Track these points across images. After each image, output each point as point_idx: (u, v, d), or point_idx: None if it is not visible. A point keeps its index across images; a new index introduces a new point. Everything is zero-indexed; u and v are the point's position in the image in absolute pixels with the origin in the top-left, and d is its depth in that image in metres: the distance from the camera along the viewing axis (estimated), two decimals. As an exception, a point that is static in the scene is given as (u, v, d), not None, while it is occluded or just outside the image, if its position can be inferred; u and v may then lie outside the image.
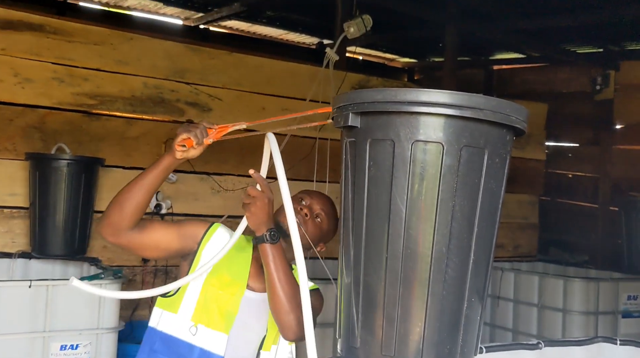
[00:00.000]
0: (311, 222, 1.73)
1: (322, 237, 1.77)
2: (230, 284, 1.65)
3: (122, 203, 1.57)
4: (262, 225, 1.56)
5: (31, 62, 3.32)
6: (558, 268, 4.58)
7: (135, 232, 1.58)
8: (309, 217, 1.73)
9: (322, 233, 1.76)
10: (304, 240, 1.66)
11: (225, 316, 1.62)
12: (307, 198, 1.77)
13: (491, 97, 1.15)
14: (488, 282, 1.27)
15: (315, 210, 1.75)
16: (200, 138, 1.55)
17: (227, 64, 3.93)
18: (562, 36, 4.96)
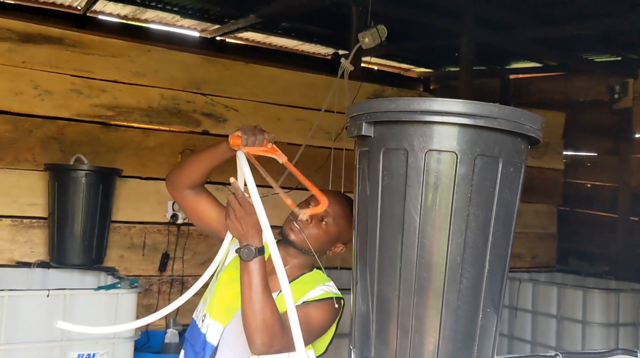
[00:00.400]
0: (315, 227, 1.69)
1: (333, 240, 1.73)
2: (237, 280, 1.64)
3: (183, 166, 1.71)
4: (242, 237, 1.54)
5: (50, 74, 3.37)
6: (577, 279, 4.52)
7: (189, 194, 1.72)
8: (311, 222, 1.69)
9: (331, 236, 1.71)
10: (306, 245, 1.68)
11: (225, 309, 1.65)
12: (314, 201, 1.72)
13: (505, 106, 1.14)
14: (503, 292, 1.26)
15: (320, 214, 1.69)
16: (248, 143, 1.55)
17: (243, 75, 3.96)
18: (580, 44, 4.92)
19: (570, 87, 5.67)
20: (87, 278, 3.12)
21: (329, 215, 1.70)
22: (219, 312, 1.67)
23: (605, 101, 5.39)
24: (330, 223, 1.71)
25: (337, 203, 1.73)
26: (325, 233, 1.70)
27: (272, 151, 1.57)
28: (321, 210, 1.56)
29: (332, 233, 1.72)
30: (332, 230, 1.71)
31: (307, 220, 1.68)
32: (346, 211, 1.73)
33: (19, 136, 3.29)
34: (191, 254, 3.76)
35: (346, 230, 1.73)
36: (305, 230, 1.69)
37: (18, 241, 3.27)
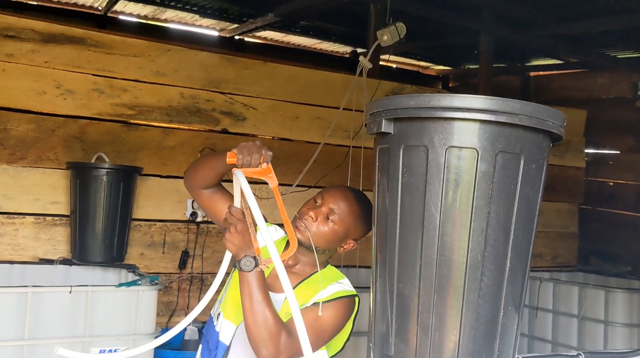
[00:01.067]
0: (320, 225, 1.67)
1: (341, 237, 1.70)
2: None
3: (195, 169, 1.74)
4: (240, 250, 1.52)
5: (72, 74, 3.42)
6: (599, 279, 4.46)
7: (205, 193, 1.74)
8: (316, 220, 1.67)
9: (338, 234, 1.69)
10: (308, 243, 1.66)
11: (237, 308, 1.63)
12: (320, 198, 1.71)
13: (527, 102, 1.13)
14: (525, 291, 1.24)
15: (326, 211, 1.68)
16: (244, 163, 1.50)
17: (262, 74, 3.97)
18: (601, 41, 4.85)
19: (592, 85, 5.59)
20: (108, 275, 3.16)
21: (334, 212, 1.68)
22: (231, 312, 1.68)
23: (628, 98, 5.29)
24: (337, 220, 1.68)
25: (343, 199, 1.70)
26: (332, 231, 1.68)
27: (265, 172, 1.51)
28: (290, 254, 1.49)
29: (339, 231, 1.69)
30: (339, 227, 1.68)
31: (311, 218, 1.67)
32: (353, 207, 1.70)
33: (41, 135, 3.34)
34: (210, 252, 3.79)
35: (354, 227, 1.71)
36: (311, 228, 1.67)
37: (41, 239, 3.33)
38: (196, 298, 3.76)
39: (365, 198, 1.75)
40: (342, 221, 1.68)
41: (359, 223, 1.72)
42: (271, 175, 1.50)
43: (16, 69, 3.28)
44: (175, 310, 3.68)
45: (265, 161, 1.50)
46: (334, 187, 1.76)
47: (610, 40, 4.83)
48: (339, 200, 1.69)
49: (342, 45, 5.99)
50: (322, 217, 1.68)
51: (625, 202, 5.47)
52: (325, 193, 1.72)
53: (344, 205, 1.69)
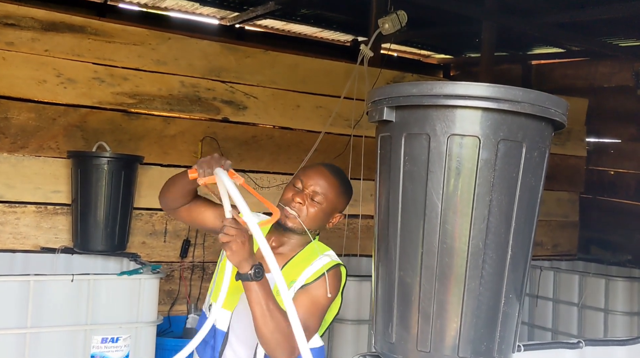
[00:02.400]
0: (309, 207, 1.71)
1: (329, 213, 1.75)
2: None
3: (165, 191, 1.76)
4: (244, 261, 1.51)
5: (73, 62, 3.41)
6: (599, 268, 4.47)
7: (183, 210, 1.77)
8: (304, 203, 1.71)
9: (326, 211, 1.74)
10: (300, 227, 1.70)
11: (231, 294, 1.65)
12: (300, 182, 1.74)
13: (529, 89, 1.13)
14: (526, 279, 1.25)
15: (310, 193, 1.72)
16: (205, 174, 1.53)
17: (262, 62, 3.95)
18: (603, 29, 4.82)
19: (593, 73, 5.56)
20: (109, 263, 3.16)
21: (318, 192, 1.72)
22: (226, 299, 1.67)
23: (629, 87, 5.27)
24: (322, 199, 1.72)
25: (322, 177, 1.74)
26: (321, 211, 1.73)
27: (229, 175, 1.53)
28: (273, 221, 1.51)
29: (326, 209, 1.74)
30: (326, 205, 1.73)
31: (300, 203, 1.71)
32: (333, 181, 1.75)
33: (42, 124, 3.34)
34: (212, 241, 3.80)
35: (338, 200, 1.76)
36: (301, 214, 1.70)
37: (42, 227, 3.33)
38: (198, 287, 3.77)
39: (339, 170, 1.82)
40: (327, 199, 1.73)
41: (341, 196, 1.77)
42: (235, 176, 1.52)
43: (16, 57, 3.27)
44: (177, 298, 3.69)
45: (226, 169, 1.52)
46: (309, 168, 1.78)
47: (613, 29, 4.80)
48: (318, 179, 1.73)
49: (343, 34, 5.96)
50: (308, 200, 1.72)
51: (626, 190, 5.47)
52: (304, 176, 1.75)
53: (325, 183, 1.73)
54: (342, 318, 2.84)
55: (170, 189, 1.74)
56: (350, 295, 2.86)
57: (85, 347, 2.49)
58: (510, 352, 1.23)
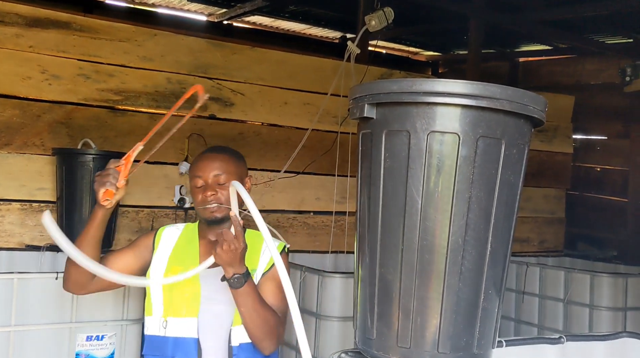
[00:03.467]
0: (221, 191, 1.77)
1: (239, 179, 1.81)
2: (184, 272, 1.73)
3: (74, 271, 1.73)
4: (229, 266, 1.62)
5: (58, 59, 3.38)
6: (585, 264, 4.50)
7: (97, 279, 1.74)
8: (216, 192, 1.77)
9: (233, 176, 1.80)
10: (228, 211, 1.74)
11: (190, 301, 1.73)
12: (198, 180, 1.80)
13: (507, 87, 1.13)
14: (506, 275, 1.25)
15: (214, 181, 1.78)
16: (115, 183, 1.61)
17: (250, 59, 3.94)
18: (590, 26, 4.86)
19: (580, 70, 5.61)
20: (96, 261, 3.14)
21: (219, 175, 1.79)
22: (186, 308, 1.74)
23: (616, 84, 5.32)
24: (226, 178, 1.79)
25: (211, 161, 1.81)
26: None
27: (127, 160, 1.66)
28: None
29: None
30: (233, 178, 1.78)
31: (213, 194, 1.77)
32: (222, 157, 1.83)
33: (27, 121, 3.31)
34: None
35: (238, 168, 1.85)
36: (220, 201, 1.77)
37: (27, 225, 3.31)
38: (185, 284, 3.76)
39: (219, 146, 1.95)
40: (230, 173, 1.80)
41: (238, 163, 1.86)
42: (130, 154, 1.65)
43: (0, 53, 3.24)
44: (163, 296, 3.69)
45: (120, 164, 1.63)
46: (196, 164, 1.85)
47: (599, 26, 4.84)
48: (211, 165, 1.80)
49: (332, 31, 5.96)
50: (216, 187, 1.79)
51: (612, 187, 5.53)
52: (198, 173, 1.81)
53: (217, 163, 1.81)
54: (329, 315, 2.84)
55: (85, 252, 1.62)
56: (337, 292, 2.86)
57: (70, 345, 2.48)
58: (490, 347, 1.24)
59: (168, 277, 1.75)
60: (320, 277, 2.90)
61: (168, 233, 1.88)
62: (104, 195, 1.61)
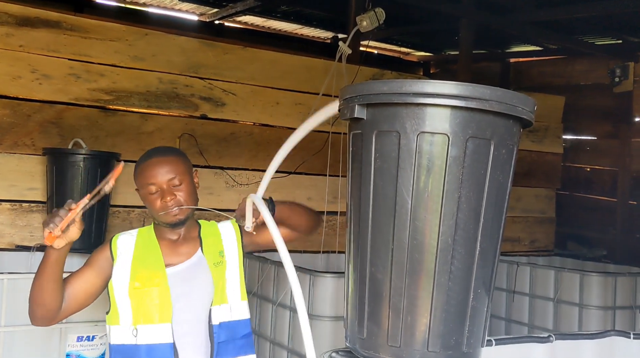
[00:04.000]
0: (178, 193, 1.78)
1: (190, 180, 1.83)
2: (151, 276, 1.77)
3: (40, 301, 1.69)
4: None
5: (48, 58, 3.36)
6: (575, 263, 4.53)
7: (65, 306, 1.73)
8: (174, 196, 1.78)
9: (188, 181, 1.81)
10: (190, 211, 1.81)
11: (162, 307, 1.74)
12: (151, 187, 1.77)
13: (497, 88, 1.14)
14: (495, 274, 1.26)
15: (166, 185, 1.77)
16: (58, 226, 1.58)
17: (241, 59, 3.94)
18: (580, 27, 4.90)
19: (570, 71, 5.65)
20: (86, 262, 3.13)
21: (171, 177, 1.77)
22: (156, 315, 1.73)
23: (605, 84, 5.37)
24: (178, 179, 1.79)
25: (158, 166, 1.78)
26: (186, 185, 1.81)
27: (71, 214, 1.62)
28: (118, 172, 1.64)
29: (187, 179, 1.82)
30: (184, 176, 1.80)
31: (171, 198, 1.77)
32: (168, 159, 1.80)
33: (17, 121, 3.29)
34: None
35: (185, 165, 1.84)
36: (180, 203, 1.78)
37: (17, 225, 3.29)
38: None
39: (158, 148, 1.90)
40: (180, 173, 1.79)
41: (183, 160, 1.85)
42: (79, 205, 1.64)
43: (-10, 53, 3.23)
44: (155, 296, 3.68)
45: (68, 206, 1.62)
46: (143, 173, 1.80)
47: (589, 27, 4.88)
48: (159, 170, 1.77)
49: (324, 31, 5.97)
50: (174, 190, 1.78)
51: (602, 187, 5.57)
52: (149, 181, 1.77)
53: (165, 166, 1.78)
54: (320, 315, 2.85)
55: (45, 289, 1.66)
56: (328, 292, 2.86)
57: (60, 346, 2.48)
58: (480, 346, 1.25)
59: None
60: (311, 276, 2.90)
61: (123, 241, 1.84)
62: (48, 238, 1.58)
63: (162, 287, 1.76)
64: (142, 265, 1.79)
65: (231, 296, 1.83)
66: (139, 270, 1.78)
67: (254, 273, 3.47)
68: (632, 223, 5.10)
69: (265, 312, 3.22)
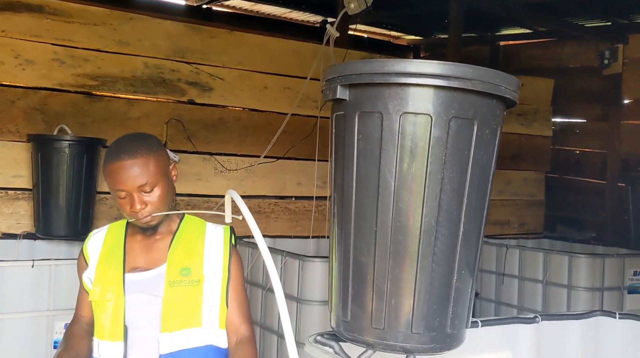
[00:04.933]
0: (150, 199, 1.56)
1: (166, 179, 1.60)
2: (108, 283, 1.59)
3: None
4: None
5: (31, 43, 3.31)
6: (565, 245, 4.56)
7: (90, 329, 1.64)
8: (144, 204, 1.55)
9: (163, 182, 1.58)
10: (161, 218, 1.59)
11: (113, 321, 1.56)
12: (121, 192, 1.55)
13: (480, 67, 1.13)
14: (479, 255, 1.26)
15: (136, 191, 1.54)
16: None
17: (228, 43, 3.90)
18: (569, 10, 4.87)
19: (560, 54, 5.63)
20: (74, 249, 3.12)
21: (143, 183, 1.54)
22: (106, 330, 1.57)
23: (595, 67, 5.36)
24: (150, 182, 1.55)
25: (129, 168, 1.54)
26: (160, 188, 1.58)
27: None
28: None
29: (160, 181, 1.58)
30: (157, 179, 1.57)
31: (142, 206, 1.55)
32: (139, 160, 1.54)
33: (1, 107, 3.25)
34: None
35: (159, 163, 1.58)
36: (152, 211, 1.56)
37: (4, 213, 3.26)
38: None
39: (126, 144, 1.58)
40: (152, 176, 1.55)
41: (157, 157, 1.59)
42: None
43: (-29, 38, 3.17)
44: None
45: None
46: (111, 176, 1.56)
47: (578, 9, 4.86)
48: (129, 174, 1.54)
49: (313, 14, 5.90)
50: (145, 196, 1.56)
51: (591, 169, 5.58)
52: (119, 184, 1.54)
53: (138, 170, 1.54)
54: (310, 299, 2.85)
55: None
56: (317, 277, 2.86)
57: (48, 333, 2.47)
58: (464, 326, 1.25)
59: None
60: (301, 261, 2.90)
61: (93, 241, 1.68)
62: None
63: (117, 297, 1.56)
64: (106, 262, 1.62)
65: (207, 320, 1.59)
66: (101, 268, 1.61)
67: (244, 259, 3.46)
68: (621, 206, 5.12)
69: (255, 297, 3.22)
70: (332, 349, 1.30)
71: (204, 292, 1.60)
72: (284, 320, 1.08)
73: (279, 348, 2.98)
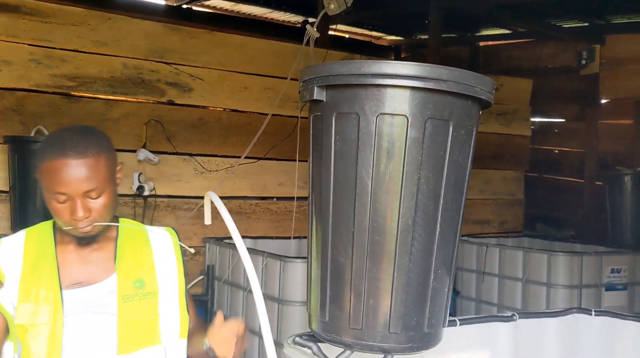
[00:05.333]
0: (93, 207, 1.32)
1: (111, 184, 1.37)
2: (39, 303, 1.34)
3: None
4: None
5: (7, 44, 3.26)
6: (544, 244, 4.61)
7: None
8: (88, 212, 1.31)
9: (108, 188, 1.35)
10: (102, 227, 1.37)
11: (53, 351, 1.32)
12: (60, 196, 1.31)
13: (455, 68, 1.14)
14: (456, 254, 1.27)
15: (79, 196, 1.30)
16: None
17: (208, 43, 3.88)
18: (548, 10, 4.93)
19: (538, 54, 5.70)
20: (52, 252, 3.07)
21: (89, 188, 1.31)
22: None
23: (572, 67, 5.43)
24: (97, 189, 1.32)
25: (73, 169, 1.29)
26: (105, 195, 1.35)
27: None
28: None
29: (107, 187, 1.35)
30: (103, 184, 1.33)
31: (84, 216, 1.32)
32: (86, 161, 1.30)
33: (-24, 108, 3.20)
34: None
35: (107, 165, 1.36)
36: (94, 220, 1.34)
37: (-20, 216, 3.21)
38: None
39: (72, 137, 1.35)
40: (104, 181, 1.34)
41: (107, 157, 1.37)
42: None
43: (-55, 38, 3.12)
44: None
45: None
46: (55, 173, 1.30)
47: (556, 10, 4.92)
48: (76, 177, 1.30)
49: (294, 15, 5.90)
50: (90, 203, 1.33)
51: (570, 168, 5.66)
52: (60, 186, 1.30)
53: (85, 173, 1.30)
54: (291, 300, 2.85)
55: None
56: (298, 277, 2.86)
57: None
58: (441, 325, 1.26)
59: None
60: (281, 262, 2.90)
61: (6, 251, 1.40)
62: None
63: (54, 320, 1.32)
64: (31, 285, 1.34)
65: (166, 334, 1.40)
66: (28, 292, 1.34)
67: (225, 261, 3.45)
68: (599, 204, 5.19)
69: (237, 299, 3.21)
70: (310, 350, 1.30)
71: (160, 304, 1.41)
72: (263, 325, 1.08)
73: (260, 349, 2.97)
